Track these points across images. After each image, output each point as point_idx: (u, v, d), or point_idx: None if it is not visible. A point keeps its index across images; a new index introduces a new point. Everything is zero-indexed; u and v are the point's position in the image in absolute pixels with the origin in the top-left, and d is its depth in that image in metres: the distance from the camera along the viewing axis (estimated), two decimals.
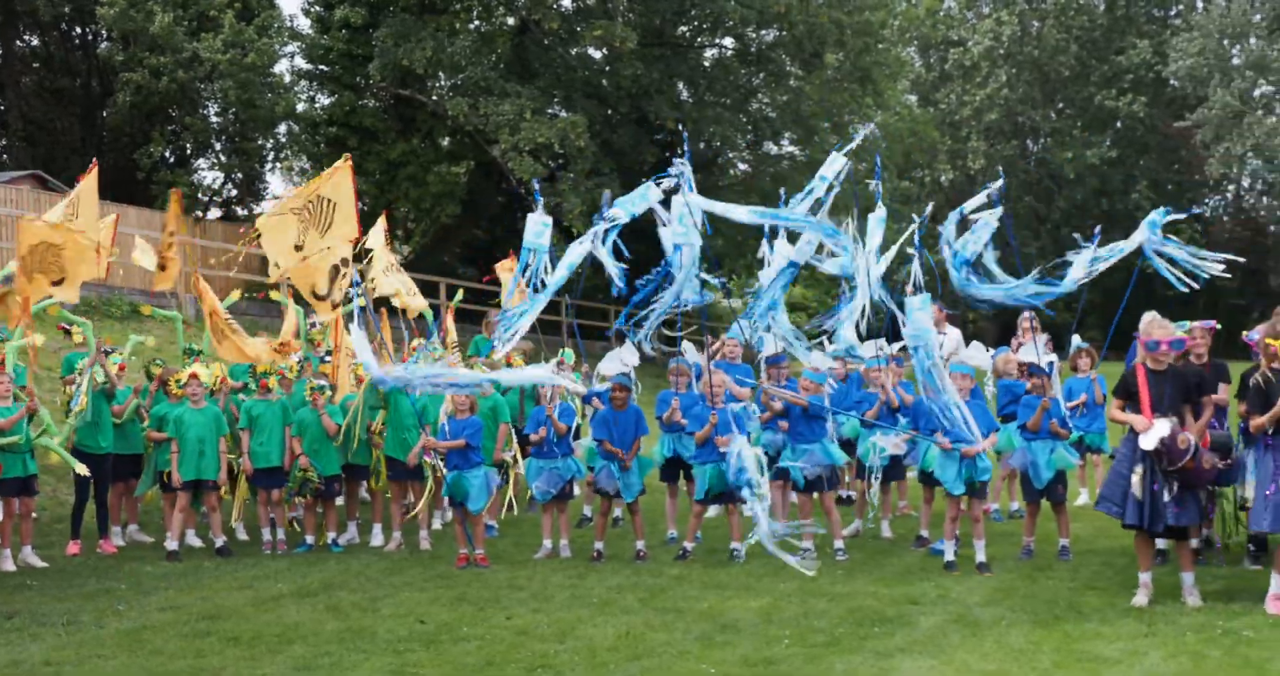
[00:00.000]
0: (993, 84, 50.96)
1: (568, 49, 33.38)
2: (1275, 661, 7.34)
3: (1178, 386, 8.87)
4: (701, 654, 7.93)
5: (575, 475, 11.64)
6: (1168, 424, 8.57)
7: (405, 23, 30.49)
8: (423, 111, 32.68)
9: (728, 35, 36.27)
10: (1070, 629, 8.29)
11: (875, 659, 7.69)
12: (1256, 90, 50.42)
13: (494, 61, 31.95)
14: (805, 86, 35.88)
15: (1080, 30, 51.65)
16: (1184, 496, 8.69)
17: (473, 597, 9.76)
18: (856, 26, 34.46)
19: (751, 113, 36.79)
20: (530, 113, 29.63)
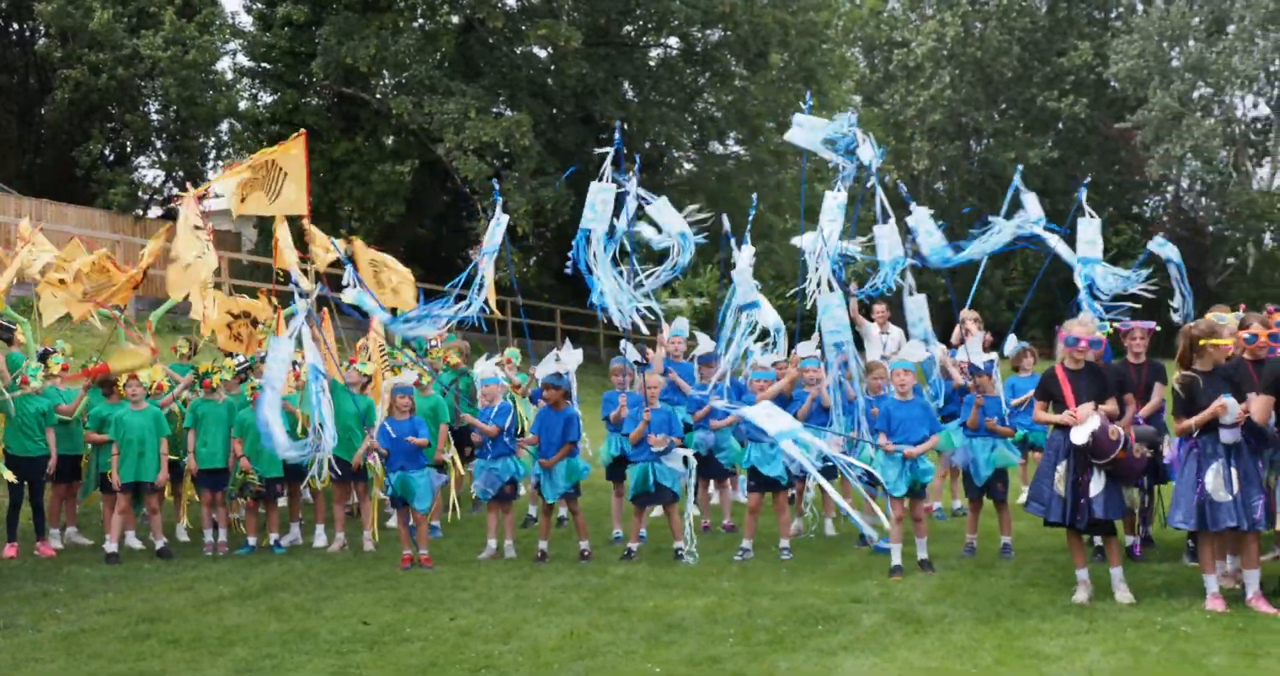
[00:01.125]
0: (936, 85, 51.32)
1: (512, 48, 33.31)
2: (1212, 656, 7.42)
3: (1096, 384, 8.97)
4: (647, 653, 7.93)
5: (516, 475, 11.58)
6: (1097, 418, 8.66)
7: (348, 20, 30.31)
8: (366, 110, 32.49)
9: (673, 35, 36.32)
10: (1012, 625, 8.34)
11: (818, 657, 7.71)
12: (1195, 92, 51.07)
13: (438, 60, 31.82)
14: (750, 86, 36.00)
15: (1022, 32, 52.10)
16: (1111, 490, 8.78)
17: (416, 598, 9.71)
18: (801, 27, 34.61)
19: (697, 112, 36.86)
20: (475, 111, 29.54)
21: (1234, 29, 50.18)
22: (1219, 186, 50.94)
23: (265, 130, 32.25)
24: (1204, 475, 8.55)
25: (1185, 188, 54.43)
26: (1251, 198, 50.22)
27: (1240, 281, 50.45)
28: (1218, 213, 51.66)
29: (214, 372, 12.24)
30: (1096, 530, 8.98)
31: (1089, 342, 9.00)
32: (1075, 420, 8.71)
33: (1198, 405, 8.60)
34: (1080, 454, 8.74)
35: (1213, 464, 8.53)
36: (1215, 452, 8.55)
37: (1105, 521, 8.89)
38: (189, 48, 28.74)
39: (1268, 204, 50.78)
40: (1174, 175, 52.25)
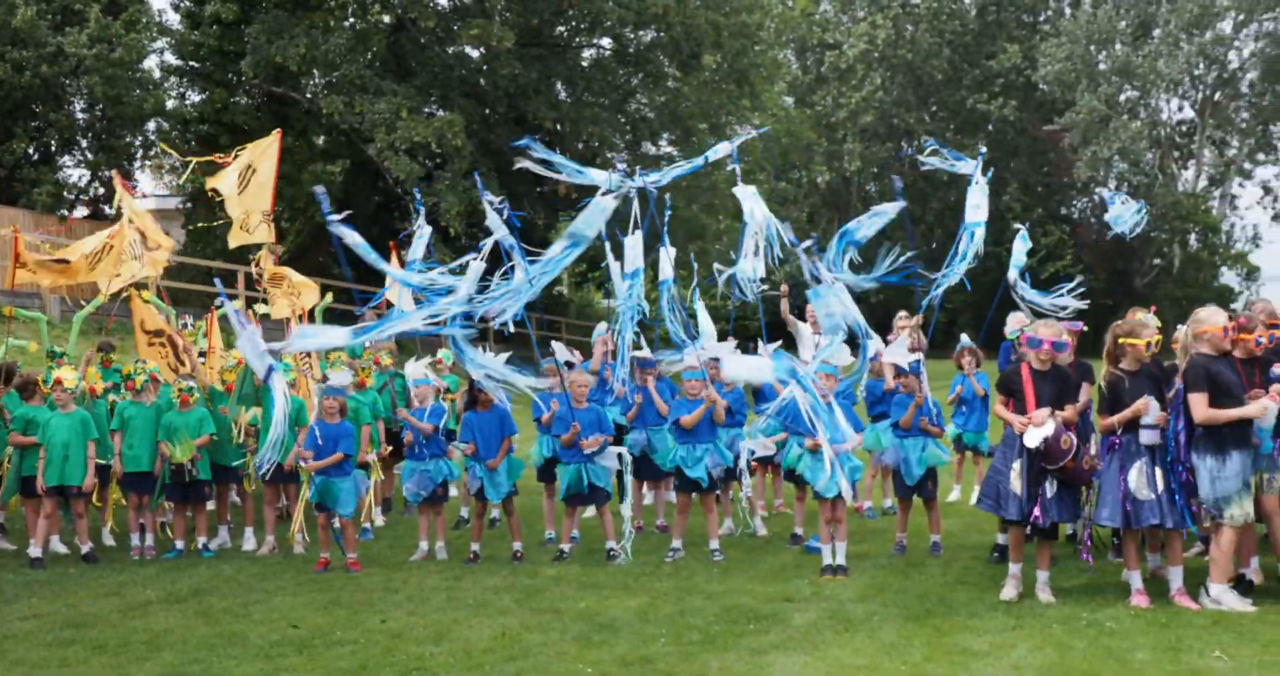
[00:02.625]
0: (868, 87, 51.76)
1: (444, 48, 33.20)
2: (1136, 652, 7.53)
3: (1059, 387, 9.06)
4: (578, 653, 7.92)
5: (447, 477, 11.53)
6: (1052, 424, 8.74)
7: (278, 19, 30.08)
8: (296, 109, 32.25)
9: (606, 36, 36.34)
10: (940, 623, 8.41)
11: (750, 656, 7.73)
12: (1122, 95, 51.90)
13: (369, 59, 31.66)
14: (683, 87, 36.08)
15: (953, 35, 52.67)
16: (1062, 494, 8.88)
17: (347, 601, 9.63)
18: (733, 28, 34.73)
19: (630, 113, 36.90)
20: (406, 111, 29.41)
21: (1159, 33, 51.05)
22: (1145, 188, 51.68)
23: (193, 129, 31.97)
24: (1127, 473, 8.67)
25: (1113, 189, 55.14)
26: (1177, 199, 51.05)
27: (1166, 282, 51.27)
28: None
29: (138, 374, 12.07)
30: (1038, 532, 9.06)
31: (1053, 345, 9.07)
32: (1030, 424, 8.78)
33: (1121, 404, 8.72)
34: (1033, 456, 8.83)
35: (1136, 462, 8.66)
36: (1138, 451, 8.67)
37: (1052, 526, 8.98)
38: (115, 46, 28.39)
39: (1192, 206, 51.65)
40: (1101, 177, 53.00)
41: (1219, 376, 8.64)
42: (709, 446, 11.13)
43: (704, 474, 11.03)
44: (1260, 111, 53.44)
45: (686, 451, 11.09)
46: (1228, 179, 55.17)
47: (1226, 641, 7.69)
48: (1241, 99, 53.96)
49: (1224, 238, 54.12)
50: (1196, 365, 8.79)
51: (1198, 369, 8.75)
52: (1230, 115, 54.19)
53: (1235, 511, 8.58)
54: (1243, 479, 8.58)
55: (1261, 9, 49.97)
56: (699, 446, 11.06)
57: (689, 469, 11.07)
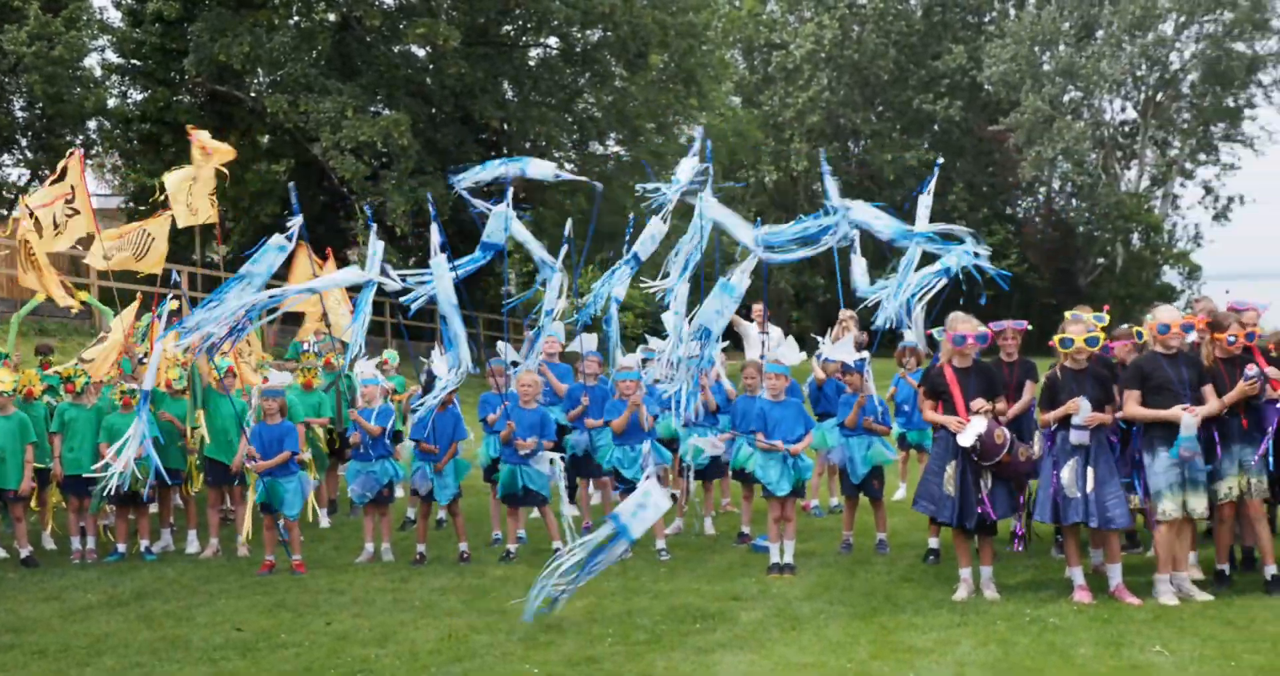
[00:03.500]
0: (814, 87, 51.90)
1: (390, 46, 33.01)
2: (1079, 647, 7.61)
3: (985, 382, 9.12)
4: (525, 654, 7.91)
5: (393, 478, 11.47)
6: (983, 420, 8.78)
7: (221, 17, 29.81)
8: (240, 108, 32.00)
9: (553, 35, 36.24)
10: (886, 620, 8.46)
11: (696, 655, 7.75)
12: (1066, 96, 52.33)
13: (314, 58, 31.44)
14: (630, 87, 36.05)
15: (899, 35, 52.91)
16: (998, 491, 8.93)
17: (291, 604, 9.58)
18: (680, 28, 34.73)
19: (577, 112, 36.83)
20: (352, 111, 29.24)
21: (1102, 34, 51.51)
22: (1089, 188, 52.17)
23: (135, 128, 31.65)
24: (1060, 470, 8.75)
25: (1056, 189, 55.69)
26: (1120, 199, 51.53)
27: (1110, 281, 51.72)
28: (1088, 214, 52.86)
29: (76, 376, 11.93)
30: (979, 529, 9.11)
31: (976, 338, 9.12)
32: (962, 424, 8.82)
33: (1058, 401, 8.80)
34: (968, 455, 8.87)
35: (1069, 460, 8.73)
36: (1073, 450, 8.74)
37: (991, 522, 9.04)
38: (55, 43, 28.04)
39: (1135, 205, 52.13)
40: (1046, 177, 53.47)
41: (1154, 374, 8.73)
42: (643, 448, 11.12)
43: (639, 474, 11.03)
44: (1201, 112, 54.02)
45: (623, 452, 11.10)
46: (1170, 179, 55.72)
47: (1167, 636, 7.78)
48: (1183, 100, 54.53)
49: (1166, 237, 54.62)
50: (1134, 363, 8.91)
51: (1134, 366, 8.87)
52: (1172, 116, 54.74)
53: (1167, 506, 8.70)
54: (1179, 475, 8.66)
55: (1202, 11, 50.52)
56: (636, 447, 11.06)
57: (625, 469, 11.08)
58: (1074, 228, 52.40)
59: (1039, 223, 52.44)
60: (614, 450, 11.24)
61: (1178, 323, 8.90)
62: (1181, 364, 8.81)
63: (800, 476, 10.33)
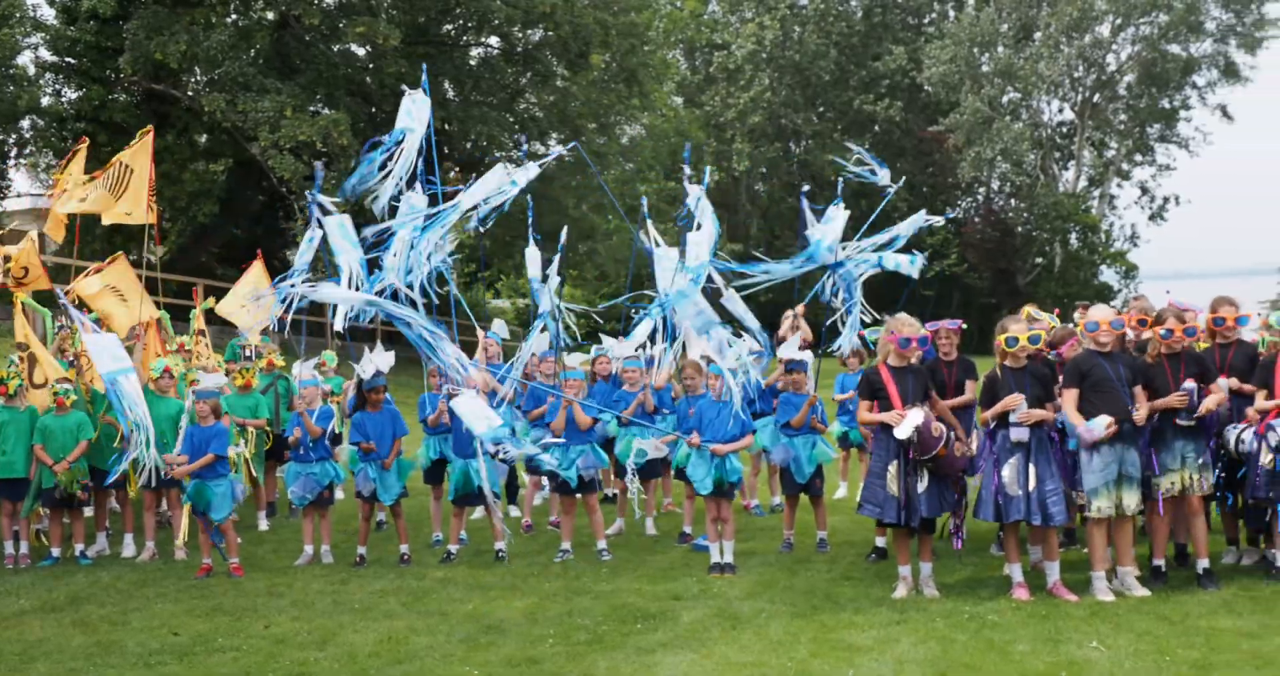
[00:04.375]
0: (756, 87, 52.14)
1: (329, 45, 32.78)
2: (1017, 643, 7.67)
3: (921, 381, 9.17)
4: (465, 656, 7.89)
5: (334, 479, 11.39)
6: (920, 413, 8.83)
7: (158, 15, 29.48)
8: (177, 107, 31.65)
9: (493, 34, 36.16)
10: (826, 619, 8.49)
11: (637, 655, 7.75)
12: (1004, 97, 52.84)
13: (253, 57, 31.16)
14: (572, 87, 36.02)
15: (840, 36, 53.24)
16: (934, 487, 8.98)
17: (229, 607, 9.49)
18: (622, 28, 34.74)
19: (518, 112, 36.75)
20: (291, 110, 28.99)
21: (1040, 36, 52.06)
22: (1027, 188, 52.68)
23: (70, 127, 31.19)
24: (1002, 469, 8.82)
25: (995, 189, 56.19)
26: (1058, 199, 52.07)
27: (1048, 280, 52.28)
28: (1026, 214, 53.37)
29: (10, 379, 11.74)
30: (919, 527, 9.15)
31: (918, 342, 9.17)
32: (900, 417, 8.86)
33: (998, 399, 8.87)
34: (905, 451, 8.91)
35: (1010, 459, 8.81)
36: (1013, 448, 8.82)
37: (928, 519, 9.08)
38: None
39: (1073, 205, 52.70)
40: (985, 177, 53.95)
41: (1092, 372, 8.84)
42: (583, 449, 11.09)
43: (574, 475, 11.01)
44: (1137, 113, 54.68)
45: (560, 453, 11.07)
46: (1107, 179, 56.38)
47: (1104, 632, 7.87)
48: (1119, 101, 55.18)
49: (1103, 237, 55.24)
50: (1072, 361, 9.01)
51: (1072, 365, 8.97)
52: (1109, 117, 55.38)
53: (1101, 504, 8.81)
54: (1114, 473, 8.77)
55: (1137, 14, 51.14)
56: (572, 448, 11.03)
57: (561, 470, 11.05)
58: (1013, 227, 52.88)
59: (978, 222, 52.89)
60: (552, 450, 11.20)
61: (1107, 320, 9.01)
62: (1119, 362, 8.92)
63: (727, 477, 10.27)
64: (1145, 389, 9.04)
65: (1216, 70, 53.65)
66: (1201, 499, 9.13)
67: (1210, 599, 8.65)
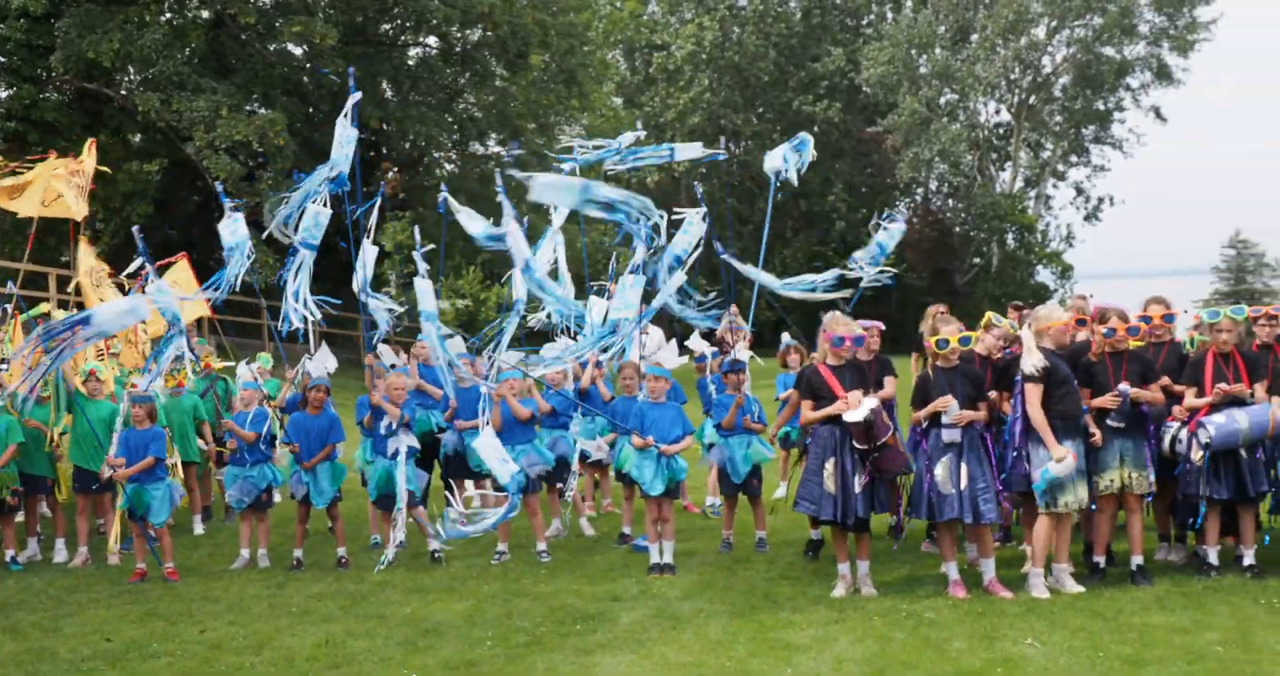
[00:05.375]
0: (696, 88, 52.22)
1: (266, 45, 32.50)
2: (954, 641, 7.74)
3: (859, 379, 9.23)
4: (403, 659, 7.86)
5: (271, 483, 11.29)
6: (874, 399, 8.90)
7: (90, 13, 29.09)
8: (110, 106, 31.26)
9: (432, 34, 35.99)
10: (765, 618, 8.52)
11: (576, 656, 7.75)
12: (942, 98, 53.21)
13: (187, 56, 30.85)
14: (511, 87, 35.93)
15: (779, 37, 53.39)
16: (873, 486, 9.03)
17: (164, 612, 9.39)
18: (561, 28, 34.71)
19: (457, 113, 36.62)
20: (226, 109, 28.71)
21: (977, 38, 52.51)
22: (965, 189, 53.09)
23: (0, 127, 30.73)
24: (934, 468, 8.88)
25: (934, 190, 56.58)
26: (995, 200, 52.51)
27: (985, 280, 52.71)
28: (964, 214, 53.77)
29: None
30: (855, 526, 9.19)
31: (853, 341, 9.22)
32: (848, 405, 8.90)
33: (929, 399, 8.94)
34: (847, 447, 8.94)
35: (942, 458, 8.87)
36: (945, 447, 8.89)
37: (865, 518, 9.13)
38: None
39: (1009, 206, 53.15)
40: (923, 178, 54.31)
41: (1056, 370, 8.92)
42: (525, 447, 11.07)
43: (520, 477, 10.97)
44: (1072, 115, 55.24)
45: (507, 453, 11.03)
46: (1043, 180, 56.91)
47: (1039, 628, 7.94)
48: (1055, 103, 55.72)
49: (1040, 237, 55.75)
50: None
51: None
52: (1044, 118, 55.91)
53: (1069, 498, 8.88)
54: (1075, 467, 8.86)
55: (1072, 16, 51.66)
56: (515, 448, 11.00)
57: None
58: (951, 228, 53.27)
59: (916, 223, 53.21)
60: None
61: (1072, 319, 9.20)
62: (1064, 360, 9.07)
63: (675, 477, 10.33)
64: (1087, 387, 9.16)
65: (1150, 72, 54.30)
66: (1139, 497, 9.24)
67: (1143, 595, 8.77)
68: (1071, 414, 8.92)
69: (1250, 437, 9.05)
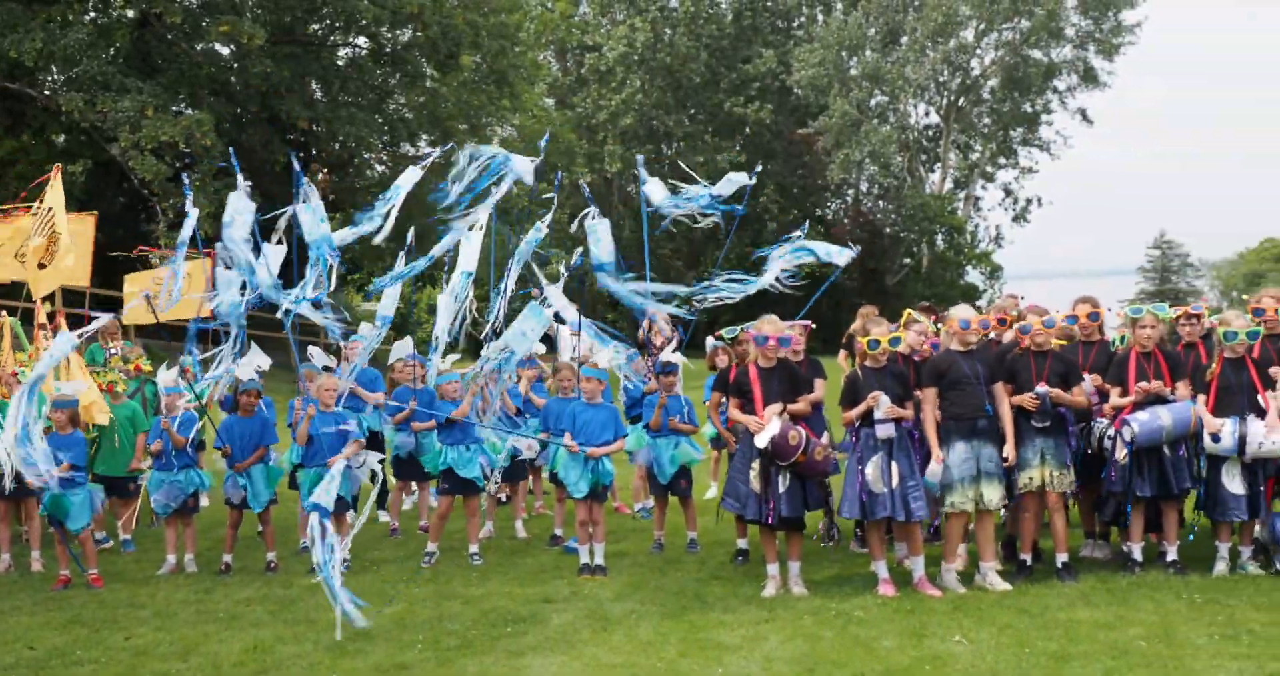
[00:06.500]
0: (628, 89, 52.28)
1: (192, 44, 32.14)
2: (882, 639, 7.80)
3: (788, 382, 9.27)
4: (333, 663, 7.79)
5: (198, 487, 11.16)
6: (778, 423, 8.93)
7: (12, 12, 28.63)
8: (33, 106, 30.77)
9: (361, 34, 35.74)
10: (696, 619, 8.54)
11: (507, 658, 7.73)
12: (872, 100, 53.64)
13: (112, 55, 30.41)
14: (442, 88, 35.76)
15: (710, 39, 53.59)
16: (795, 489, 9.07)
17: (88, 619, 9.25)
18: (492, 29, 34.57)
19: (388, 113, 36.39)
20: (153, 110, 28.35)
21: (906, 40, 52.99)
22: (895, 190, 53.54)
23: None
24: (865, 467, 8.94)
25: (864, 191, 57.00)
26: (924, 201, 53.02)
27: (915, 281, 53.20)
28: (894, 215, 54.22)
29: None
30: (783, 526, 9.24)
31: (778, 341, 9.25)
32: (760, 425, 8.96)
33: (859, 399, 9.00)
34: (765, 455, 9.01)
35: (873, 457, 8.94)
36: (876, 446, 8.95)
37: (793, 518, 9.16)
38: None
39: (939, 207, 53.68)
40: (854, 179, 54.70)
41: (950, 371, 9.03)
42: (480, 446, 11.04)
43: (478, 473, 10.95)
44: (1000, 117, 55.90)
45: (458, 453, 10.98)
46: (971, 181, 57.56)
47: (967, 625, 8.02)
48: (983, 105, 56.35)
49: (969, 238, 56.36)
50: (930, 362, 9.18)
51: (930, 365, 9.14)
52: (973, 120, 56.54)
53: (955, 499, 9.02)
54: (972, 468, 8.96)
55: (1000, 19, 52.28)
56: (471, 447, 10.96)
57: (461, 469, 10.94)
58: (881, 229, 53.71)
59: (848, 224, 53.60)
60: (448, 451, 11.09)
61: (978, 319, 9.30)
62: (976, 360, 9.13)
63: (600, 480, 10.27)
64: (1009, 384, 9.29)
65: (1076, 75, 55.11)
66: (1060, 495, 9.34)
67: (1069, 591, 8.89)
68: (965, 416, 9.07)
69: (1173, 435, 9.20)
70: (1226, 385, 9.32)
